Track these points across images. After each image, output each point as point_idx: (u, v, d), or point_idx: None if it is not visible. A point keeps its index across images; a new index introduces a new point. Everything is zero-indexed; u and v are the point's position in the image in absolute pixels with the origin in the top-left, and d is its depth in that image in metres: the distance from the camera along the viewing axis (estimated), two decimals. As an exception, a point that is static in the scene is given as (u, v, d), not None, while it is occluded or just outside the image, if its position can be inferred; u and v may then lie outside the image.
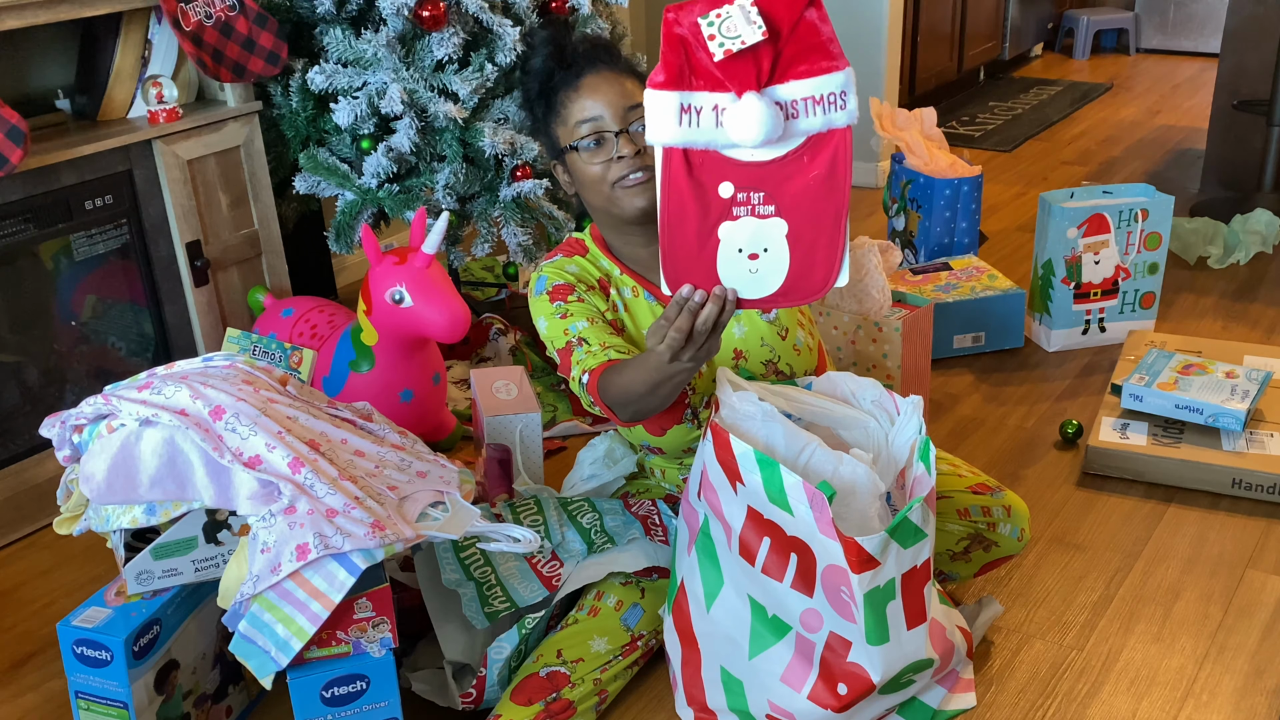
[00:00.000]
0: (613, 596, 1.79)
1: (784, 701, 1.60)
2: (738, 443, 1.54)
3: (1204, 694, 1.80)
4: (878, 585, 1.50)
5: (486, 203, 2.65)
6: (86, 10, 2.26)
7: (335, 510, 1.52)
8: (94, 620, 1.57)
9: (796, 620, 1.58)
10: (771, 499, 1.53)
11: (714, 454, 1.59)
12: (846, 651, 1.55)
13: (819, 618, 1.56)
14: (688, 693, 1.72)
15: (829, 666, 1.57)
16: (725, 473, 1.58)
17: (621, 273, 1.84)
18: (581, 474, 2.01)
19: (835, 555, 1.49)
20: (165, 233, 2.48)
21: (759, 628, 1.61)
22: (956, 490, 1.90)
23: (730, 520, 1.60)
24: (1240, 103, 3.89)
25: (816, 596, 1.55)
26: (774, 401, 1.68)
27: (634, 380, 1.59)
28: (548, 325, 1.77)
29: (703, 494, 1.65)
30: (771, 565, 1.57)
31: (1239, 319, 3.10)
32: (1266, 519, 2.23)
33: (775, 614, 1.60)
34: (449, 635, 1.77)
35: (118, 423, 1.60)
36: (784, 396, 1.72)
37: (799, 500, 1.50)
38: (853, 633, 1.54)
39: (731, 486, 1.58)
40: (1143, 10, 6.43)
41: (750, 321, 1.84)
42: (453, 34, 2.48)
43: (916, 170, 3.36)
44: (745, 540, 1.59)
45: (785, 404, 1.71)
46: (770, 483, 1.52)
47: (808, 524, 1.51)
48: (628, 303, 1.84)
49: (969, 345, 2.94)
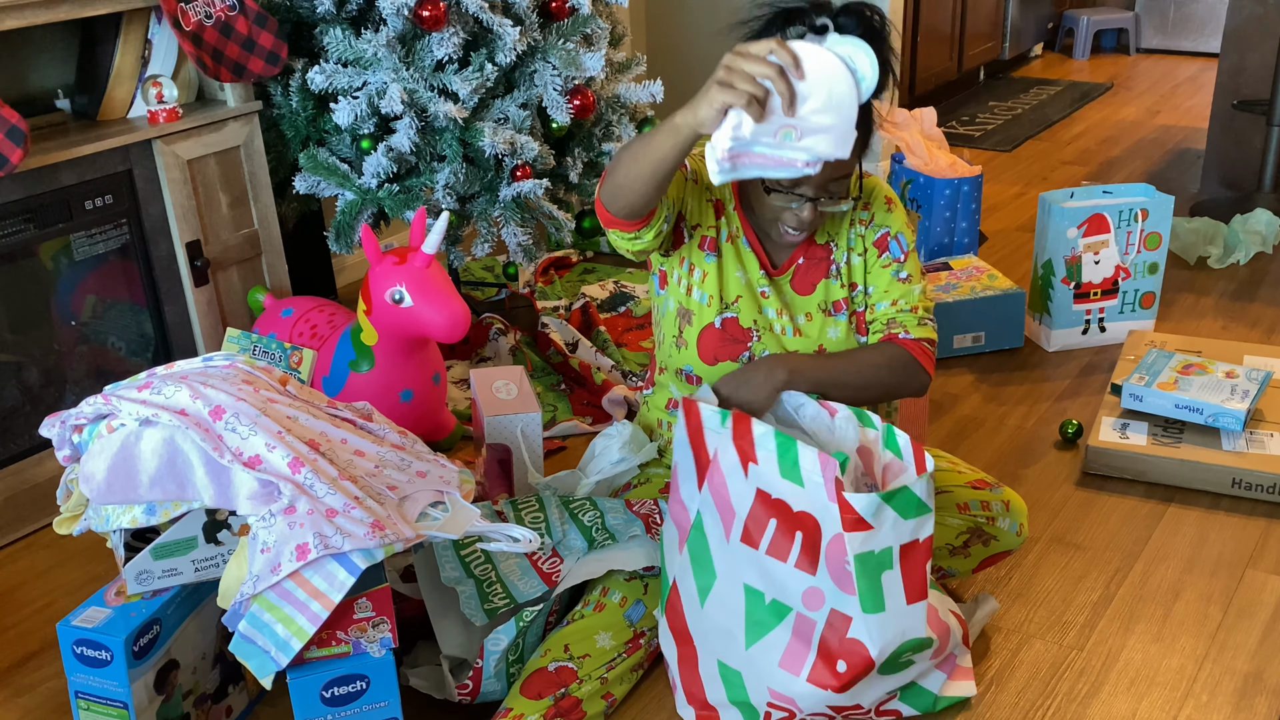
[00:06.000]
0: (618, 592, 1.79)
1: (784, 687, 1.62)
2: (758, 424, 1.60)
3: (1204, 694, 1.80)
4: (871, 550, 1.53)
5: (486, 203, 2.65)
6: (86, 10, 2.26)
7: (335, 510, 1.52)
8: (94, 620, 1.57)
9: (799, 601, 1.60)
10: (783, 473, 1.58)
11: (730, 439, 1.63)
12: (846, 627, 1.57)
13: (821, 596, 1.58)
14: (687, 691, 1.73)
15: (828, 645, 1.58)
16: (739, 455, 1.62)
17: (735, 208, 1.86)
18: (610, 458, 1.99)
19: (838, 522, 1.53)
20: (165, 233, 2.48)
21: (755, 615, 1.63)
22: (956, 485, 1.90)
23: (737, 506, 1.63)
24: (1240, 103, 3.89)
25: (820, 573, 1.57)
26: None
27: (639, 143, 1.58)
28: None
29: (707, 483, 1.67)
30: (776, 547, 1.60)
31: (1239, 319, 3.10)
32: (1266, 519, 2.23)
33: (775, 598, 1.62)
34: (446, 630, 1.78)
35: (118, 423, 1.60)
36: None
37: (811, 469, 1.54)
38: (852, 606, 1.56)
39: (743, 468, 1.62)
40: (1143, 10, 6.43)
41: (847, 332, 1.89)
42: (453, 34, 2.48)
43: (916, 170, 3.36)
44: (750, 525, 1.62)
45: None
46: (785, 456, 1.57)
47: (818, 493, 1.55)
48: (733, 234, 1.86)
49: (969, 345, 2.94)
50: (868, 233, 1.88)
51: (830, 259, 1.88)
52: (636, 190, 1.61)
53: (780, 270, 1.89)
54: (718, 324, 1.86)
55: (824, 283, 1.88)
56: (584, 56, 2.63)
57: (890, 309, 1.87)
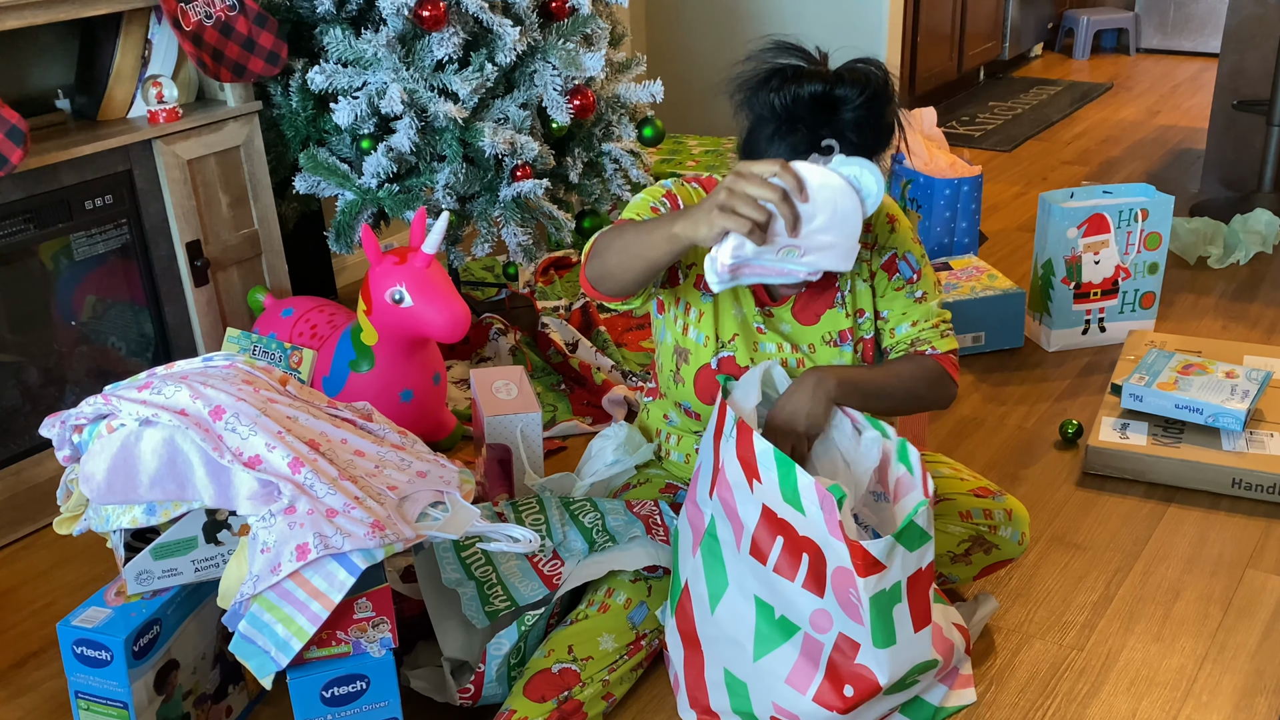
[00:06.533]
0: (622, 594, 1.79)
1: (789, 703, 1.60)
2: (759, 440, 1.56)
3: (1204, 694, 1.80)
4: (884, 589, 1.51)
5: (486, 203, 2.65)
6: (86, 10, 2.26)
7: (335, 510, 1.52)
8: (94, 620, 1.57)
9: (806, 621, 1.58)
10: (785, 498, 1.54)
11: (735, 451, 1.60)
12: (855, 653, 1.55)
13: (829, 618, 1.56)
14: (690, 695, 1.72)
15: (836, 668, 1.57)
16: (744, 470, 1.59)
17: None
18: (605, 459, 1.99)
19: (843, 557, 1.50)
20: (165, 233, 2.48)
21: (764, 629, 1.61)
22: (959, 493, 1.90)
23: (745, 519, 1.61)
24: (1240, 103, 3.89)
25: (827, 597, 1.55)
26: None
27: (628, 232, 1.59)
28: (634, 203, 1.76)
29: (716, 492, 1.66)
30: (784, 565, 1.58)
31: (1239, 319, 3.10)
32: (1266, 519, 2.23)
33: (784, 614, 1.60)
34: (448, 633, 1.77)
35: (118, 423, 1.60)
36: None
37: (810, 501, 1.51)
38: (861, 635, 1.54)
39: (748, 484, 1.59)
40: (1143, 10, 6.43)
41: (851, 360, 1.84)
42: (453, 34, 2.48)
43: (916, 170, 3.36)
44: (758, 539, 1.60)
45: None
46: (785, 481, 1.54)
47: (818, 525, 1.52)
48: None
49: (969, 345, 2.94)
50: (873, 257, 1.83)
51: (834, 288, 1.83)
52: (625, 280, 1.63)
53: (780, 301, 1.84)
54: (714, 364, 1.82)
55: (829, 313, 1.83)
56: (584, 56, 2.63)
57: (912, 330, 1.84)
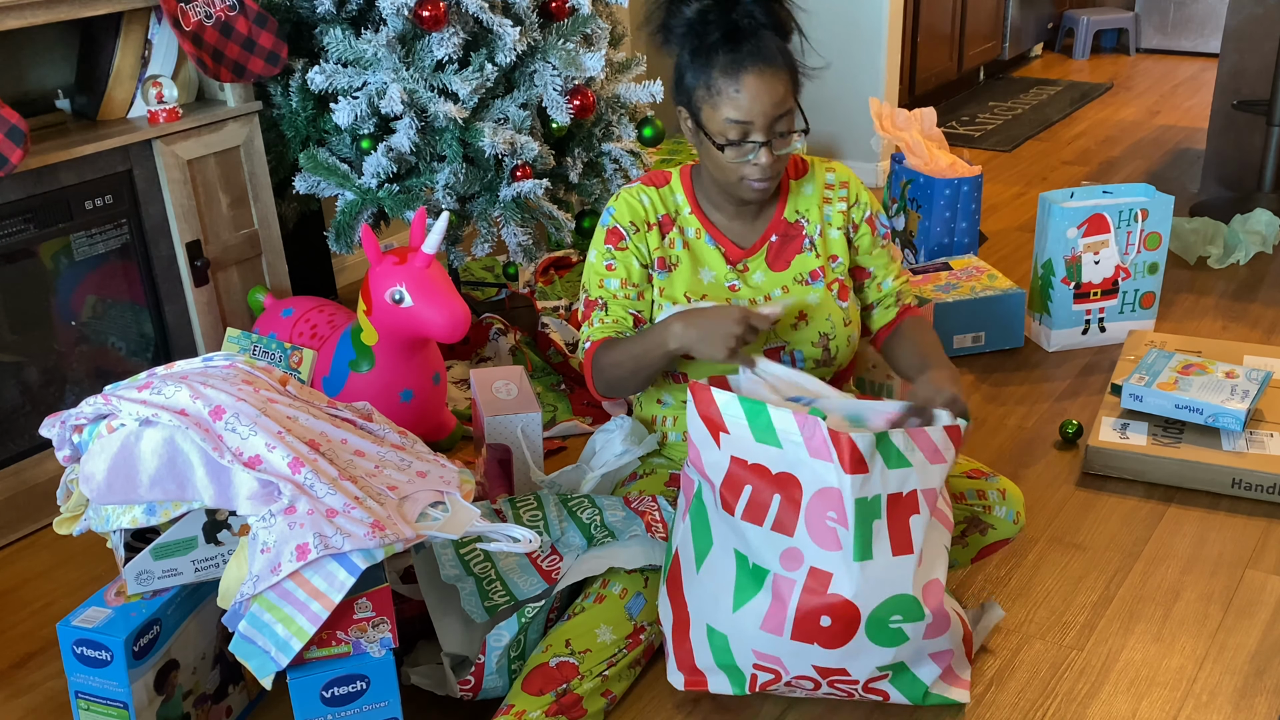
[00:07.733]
0: (619, 584, 1.80)
1: (769, 647, 1.64)
2: (719, 393, 1.63)
3: (1204, 694, 1.80)
4: (866, 496, 1.56)
5: (486, 203, 2.65)
6: (86, 10, 2.26)
7: (335, 510, 1.52)
8: (94, 620, 1.57)
9: (777, 563, 1.62)
10: (758, 438, 1.61)
11: (696, 413, 1.67)
12: (826, 585, 1.58)
13: (799, 556, 1.60)
14: (678, 658, 1.75)
15: (809, 603, 1.59)
16: (708, 426, 1.65)
17: (690, 212, 1.94)
18: (614, 450, 2.03)
19: (825, 476, 1.56)
20: (165, 233, 2.48)
21: (743, 580, 1.65)
22: (951, 475, 1.91)
23: (712, 476, 1.67)
24: (1240, 103, 3.89)
25: (798, 533, 1.60)
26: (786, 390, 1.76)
27: (626, 355, 1.84)
28: (592, 266, 1.95)
29: (689, 459, 1.72)
30: (751, 512, 1.63)
31: (1239, 319, 3.10)
32: (1266, 519, 2.23)
33: (755, 562, 1.64)
34: (447, 628, 1.78)
35: (118, 423, 1.60)
36: (798, 386, 1.78)
37: (788, 430, 1.57)
38: (834, 562, 1.58)
39: (715, 440, 1.65)
40: (1143, 10, 6.43)
41: (826, 297, 1.94)
42: (453, 34, 2.48)
43: (916, 170, 3.36)
44: (725, 493, 1.65)
45: (798, 391, 1.77)
46: (755, 420, 1.60)
47: (798, 451, 1.58)
48: (689, 240, 1.94)
49: (969, 345, 2.94)
50: (853, 210, 1.97)
51: (803, 234, 1.96)
52: (636, 386, 1.91)
53: (752, 250, 1.94)
54: None
55: (799, 257, 1.95)
56: (584, 56, 2.63)
57: (896, 283, 2.02)
